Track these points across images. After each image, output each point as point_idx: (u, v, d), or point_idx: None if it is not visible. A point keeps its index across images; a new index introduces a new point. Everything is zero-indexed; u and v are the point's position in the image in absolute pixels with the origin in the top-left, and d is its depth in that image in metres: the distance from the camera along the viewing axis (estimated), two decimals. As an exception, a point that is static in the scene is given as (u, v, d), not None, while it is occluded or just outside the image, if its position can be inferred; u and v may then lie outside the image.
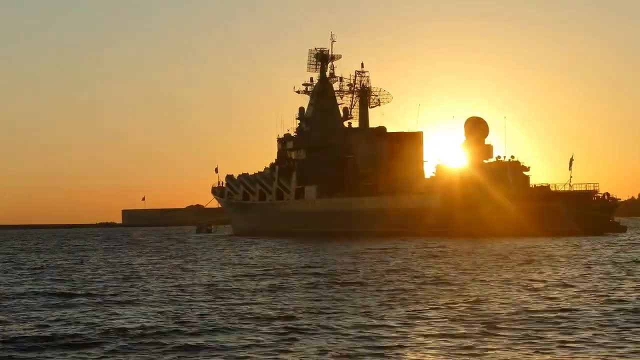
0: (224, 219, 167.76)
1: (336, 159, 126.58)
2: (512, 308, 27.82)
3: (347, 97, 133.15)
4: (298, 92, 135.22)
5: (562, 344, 21.25)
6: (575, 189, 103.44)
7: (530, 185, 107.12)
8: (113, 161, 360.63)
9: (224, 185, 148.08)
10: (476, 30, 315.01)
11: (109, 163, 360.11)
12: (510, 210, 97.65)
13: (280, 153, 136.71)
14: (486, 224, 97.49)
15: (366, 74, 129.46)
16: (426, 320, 25.36)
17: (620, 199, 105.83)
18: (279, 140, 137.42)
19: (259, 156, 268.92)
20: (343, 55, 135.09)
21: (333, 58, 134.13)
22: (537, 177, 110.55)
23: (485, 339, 22.09)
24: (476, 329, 23.67)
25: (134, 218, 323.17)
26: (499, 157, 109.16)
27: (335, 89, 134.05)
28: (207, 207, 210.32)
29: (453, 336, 22.46)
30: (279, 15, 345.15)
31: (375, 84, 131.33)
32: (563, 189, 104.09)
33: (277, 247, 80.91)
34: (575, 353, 20.20)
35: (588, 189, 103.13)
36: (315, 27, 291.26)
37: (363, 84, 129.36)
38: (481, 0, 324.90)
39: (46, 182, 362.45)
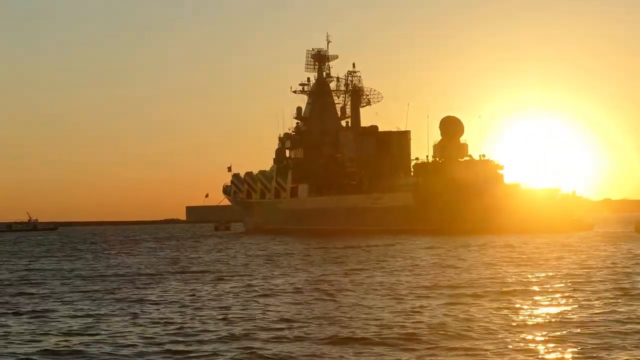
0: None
1: (327, 158, 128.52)
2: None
3: (343, 96, 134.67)
4: (295, 92, 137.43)
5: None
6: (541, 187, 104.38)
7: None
8: (178, 158, 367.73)
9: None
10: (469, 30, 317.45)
11: (174, 159, 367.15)
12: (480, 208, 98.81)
13: (279, 152, 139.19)
14: (458, 220, 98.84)
15: (357, 74, 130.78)
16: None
17: (583, 198, 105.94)
18: (280, 139, 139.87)
19: (268, 155, 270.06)
20: (340, 56, 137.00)
21: (329, 58, 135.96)
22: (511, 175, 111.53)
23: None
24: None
25: (197, 214, 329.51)
26: (470, 155, 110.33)
27: (332, 89, 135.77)
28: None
29: None
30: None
31: (370, 84, 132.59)
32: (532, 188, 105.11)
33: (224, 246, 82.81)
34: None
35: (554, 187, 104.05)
36: (314, 27, 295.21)
37: (355, 83, 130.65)
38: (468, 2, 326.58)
39: (112, 179, 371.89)
